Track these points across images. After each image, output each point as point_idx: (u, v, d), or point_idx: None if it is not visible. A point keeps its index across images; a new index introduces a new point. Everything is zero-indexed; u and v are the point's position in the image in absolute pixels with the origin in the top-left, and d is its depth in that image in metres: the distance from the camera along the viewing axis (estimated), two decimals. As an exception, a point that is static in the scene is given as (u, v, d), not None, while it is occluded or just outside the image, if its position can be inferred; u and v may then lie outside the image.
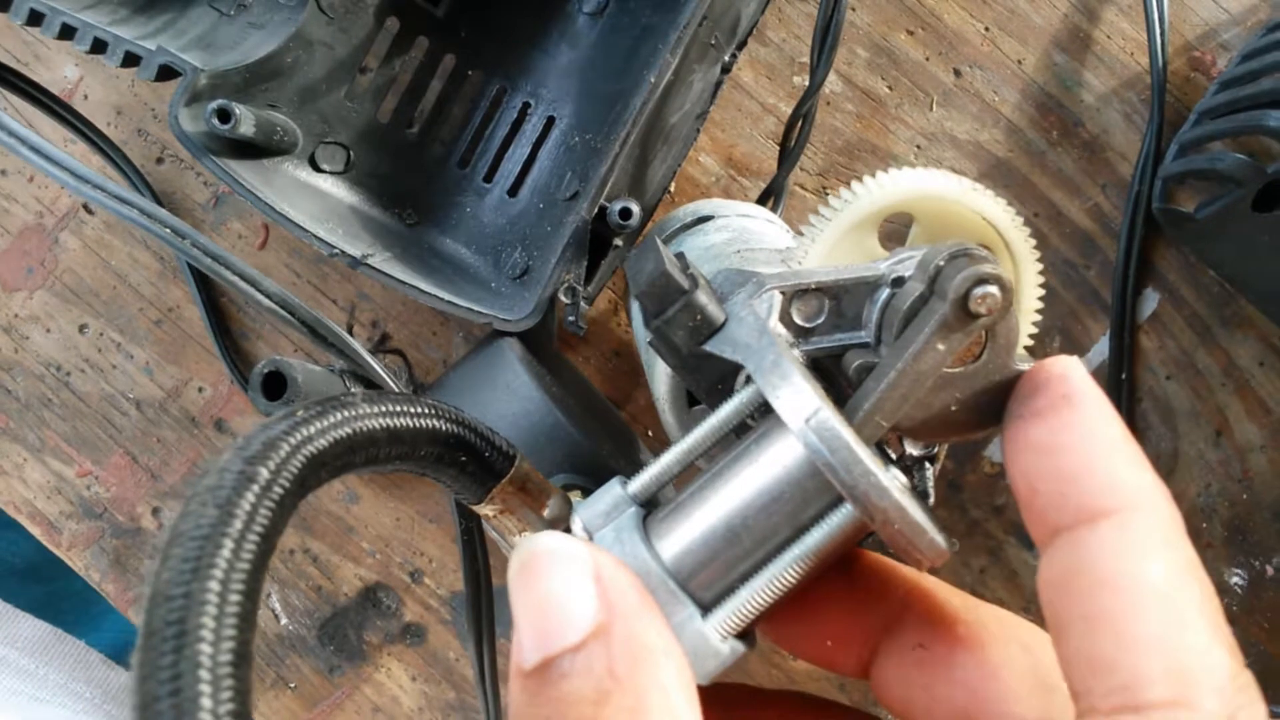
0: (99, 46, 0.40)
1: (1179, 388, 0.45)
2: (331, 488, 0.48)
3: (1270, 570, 0.45)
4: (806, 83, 0.46)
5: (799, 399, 0.20)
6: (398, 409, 0.23)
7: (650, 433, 0.47)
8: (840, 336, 0.23)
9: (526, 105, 0.46)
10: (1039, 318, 0.26)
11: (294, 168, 0.44)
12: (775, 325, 0.22)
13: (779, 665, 0.47)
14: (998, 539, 0.46)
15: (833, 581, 0.24)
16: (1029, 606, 0.46)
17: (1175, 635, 0.18)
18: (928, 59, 0.45)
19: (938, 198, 0.25)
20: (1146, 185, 0.44)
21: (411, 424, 0.23)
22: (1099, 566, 0.18)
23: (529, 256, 0.45)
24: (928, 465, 0.25)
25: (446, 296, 0.40)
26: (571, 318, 0.39)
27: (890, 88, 0.46)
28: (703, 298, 0.23)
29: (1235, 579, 0.45)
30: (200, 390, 0.48)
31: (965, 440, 0.23)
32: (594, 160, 0.43)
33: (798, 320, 0.23)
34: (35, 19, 0.40)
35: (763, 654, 0.47)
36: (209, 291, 0.48)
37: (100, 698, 0.52)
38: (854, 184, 0.26)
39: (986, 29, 0.45)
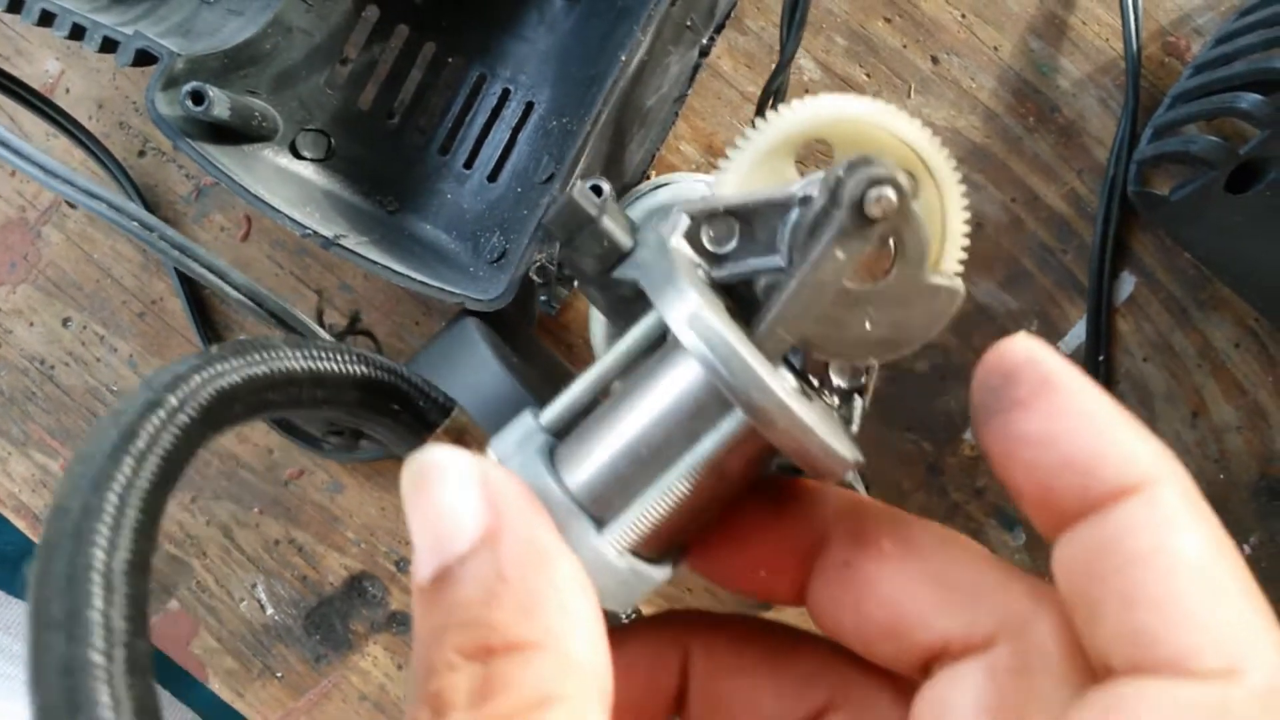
0: (77, 32, 0.40)
1: (1156, 370, 0.46)
2: (315, 477, 0.48)
3: (1247, 549, 0.46)
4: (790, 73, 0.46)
5: (683, 301, 0.20)
6: (321, 353, 0.23)
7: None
8: (754, 261, 0.22)
9: (506, 91, 0.47)
10: (967, 242, 0.25)
11: (274, 154, 0.44)
12: (676, 242, 0.22)
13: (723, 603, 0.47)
14: (978, 521, 0.47)
15: (760, 509, 0.24)
16: (1010, 588, 0.46)
17: (1219, 608, 0.17)
18: (905, 46, 0.46)
19: (851, 120, 0.24)
20: (1122, 169, 0.44)
21: (335, 368, 0.24)
22: (1131, 545, 0.18)
23: (507, 240, 0.45)
24: (856, 397, 0.24)
25: (418, 277, 0.41)
26: (544, 297, 0.40)
27: (868, 75, 0.46)
28: (609, 223, 0.23)
29: (1213, 559, 0.46)
30: (184, 382, 0.48)
31: (887, 359, 0.22)
32: (570, 142, 0.43)
33: (709, 246, 0.23)
34: (14, 6, 0.40)
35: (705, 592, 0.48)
36: (191, 284, 0.48)
37: None
38: (768, 112, 0.25)
39: (963, 16, 0.45)
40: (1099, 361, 0.46)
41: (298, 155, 0.45)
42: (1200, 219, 0.41)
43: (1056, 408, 0.19)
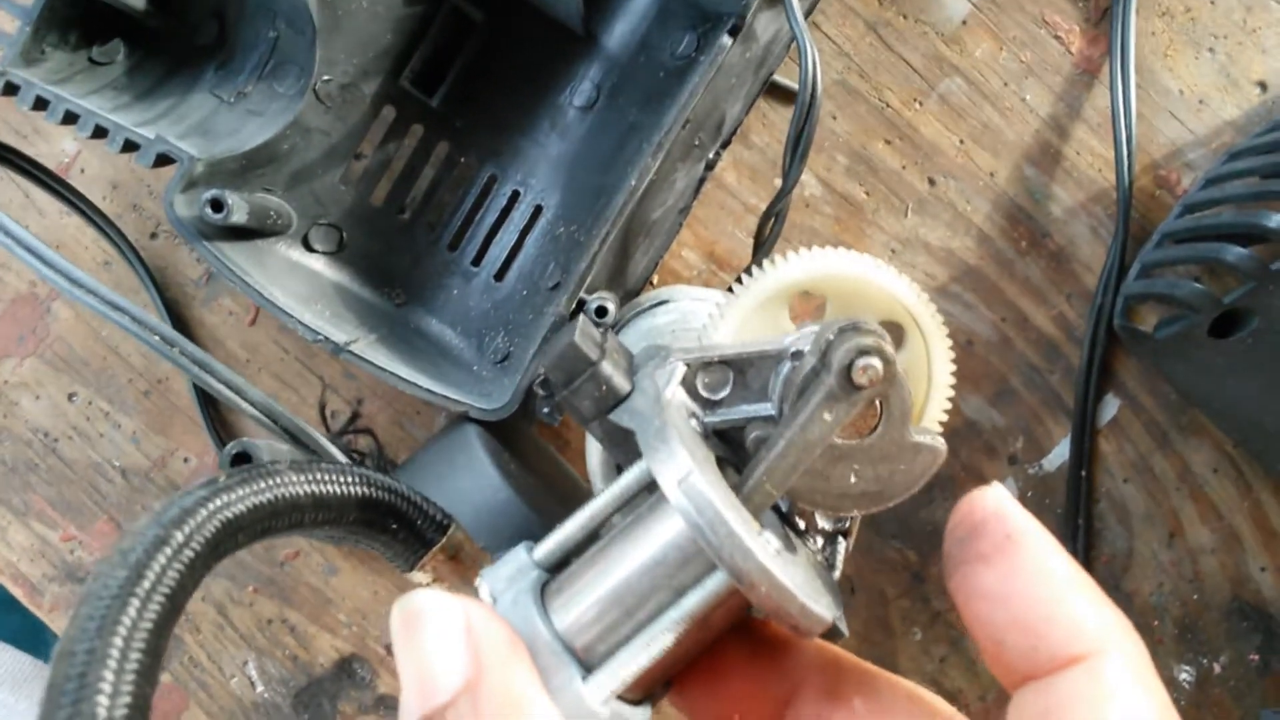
0: (100, 133, 0.41)
1: (1136, 490, 0.47)
2: (311, 559, 0.49)
3: (1218, 668, 0.47)
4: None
5: (674, 462, 0.21)
6: (323, 477, 0.24)
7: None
8: (745, 409, 0.24)
9: (516, 193, 0.48)
10: (952, 393, 0.26)
11: (287, 248, 0.45)
12: (671, 393, 0.23)
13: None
14: (958, 630, 0.48)
15: (737, 651, 0.24)
16: (985, 695, 0.48)
17: None
18: (904, 168, 0.47)
19: (843, 277, 0.26)
20: (1109, 299, 0.45)
21: (337, 490, 0.24)
22: (1073, 715, 0.18)
23: (511, 342, 0.46)
24: (840, 539, 0.26)
25: (426, 385, 0.42)
26: (546, 409, 0.41)
27: (867, 193, 0.47)
28: (608, 368, 0.24)
29: (1184, 675, 0.47)
30: (186, 461, 0.49)
31: (871, 512, 0.23)
32: (577, 252, 0.44)
33: (703, 392, 0.24)
34: (40, 104, 0.41)
35: None
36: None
37: None
38: (764, 262, 0.26)
39: (961, 141, 0.47)
40: (1081, 481, 0.47)
41: (310, 249, 0.46)
42: (1182, 358, 0.42)
43: (1014, 566, 0.20)
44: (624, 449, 0.25)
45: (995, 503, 0.21)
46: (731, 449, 0.24)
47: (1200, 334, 0.41)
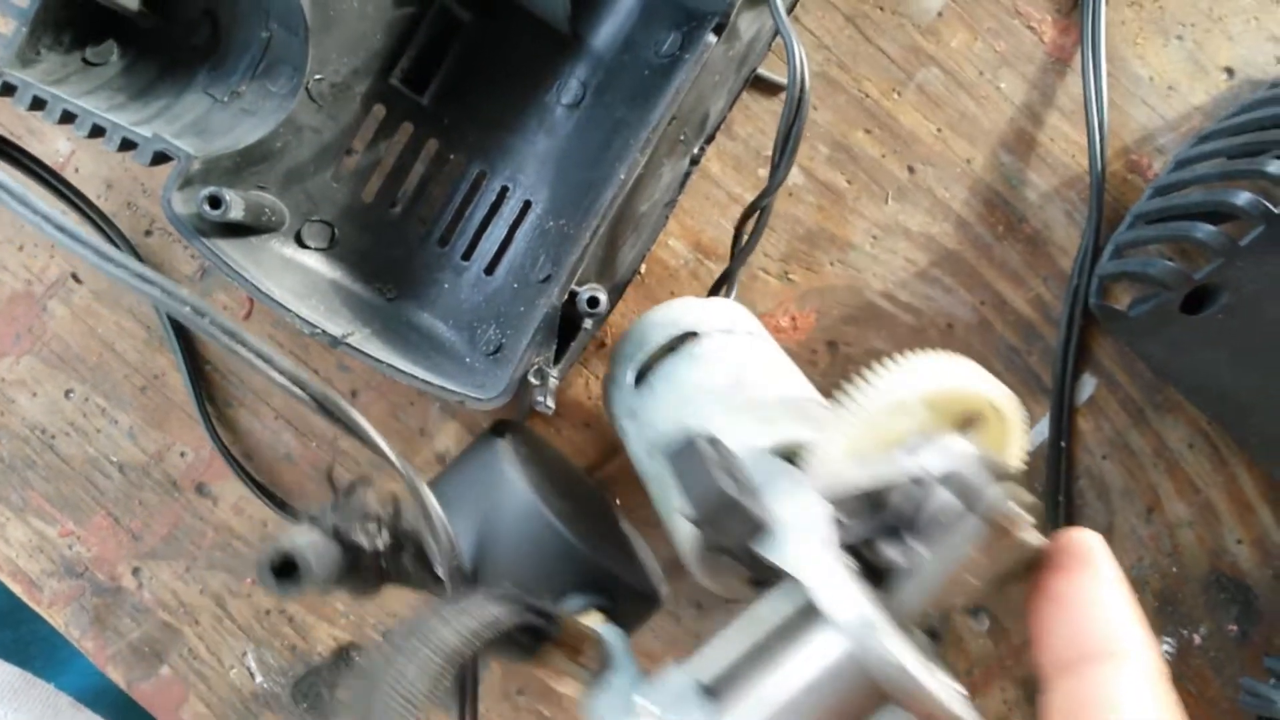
0: (97, 132, 0.42)
1: (1114, 467, 0.48)
2: (309, 550, 0.50)
3: (1197, 639, 0.48)
4: (768, 175, 0.48)
5: (856, 617, 0.23)
6: (477, 623, 0.26)
7: (619, 500, 0.49)
8: (870, 524, 0.26)
9: (505, 189, 0.49)
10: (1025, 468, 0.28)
11: (280, 245, 0.46)
12: (827, 539, 0.25)
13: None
14: (944, 608, 0.49)
15: None
16: (971, 670, 0.49)
17: None
18: (884, 156, 0.48)
19: (952, 390, 0.28)
20: (1084, 280, 0.47)
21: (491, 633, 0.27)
22: (1099, 699, 0.23)
23: (503, 334, 0.47)
24: (937, 637, 0.27)
25: (422, 375, 0.42)
26: (540, 398, 0.41)
27: (849, 181, 0.48)
28: (753, 506, 0.26)
29: (1165, 647, 0.48)
30: (182, 455, 0.50)
31: (976, 604, 0.26)
32: (567, 245, 0.45)
33: (839, 517, 0.26)
34: (38, 104, 0.42)
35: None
36: (194, 360, 0.49)
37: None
38: (874, 377, 0.27)
39: (938, 130, 0.48)
40: (1060, 458, 0.48)
41: (302, 245, 0.47)
42: (1156, 335, 0.44)
43: (1081, 579, 0.25)
44: (760, 568, 0.27)
45: (1087, 539, 0.26)
46: (854, 556, 0.26)
47: (1173, 311, 0.42)
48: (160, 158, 0.41)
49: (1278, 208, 0.39)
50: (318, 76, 0.45)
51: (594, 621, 0.38)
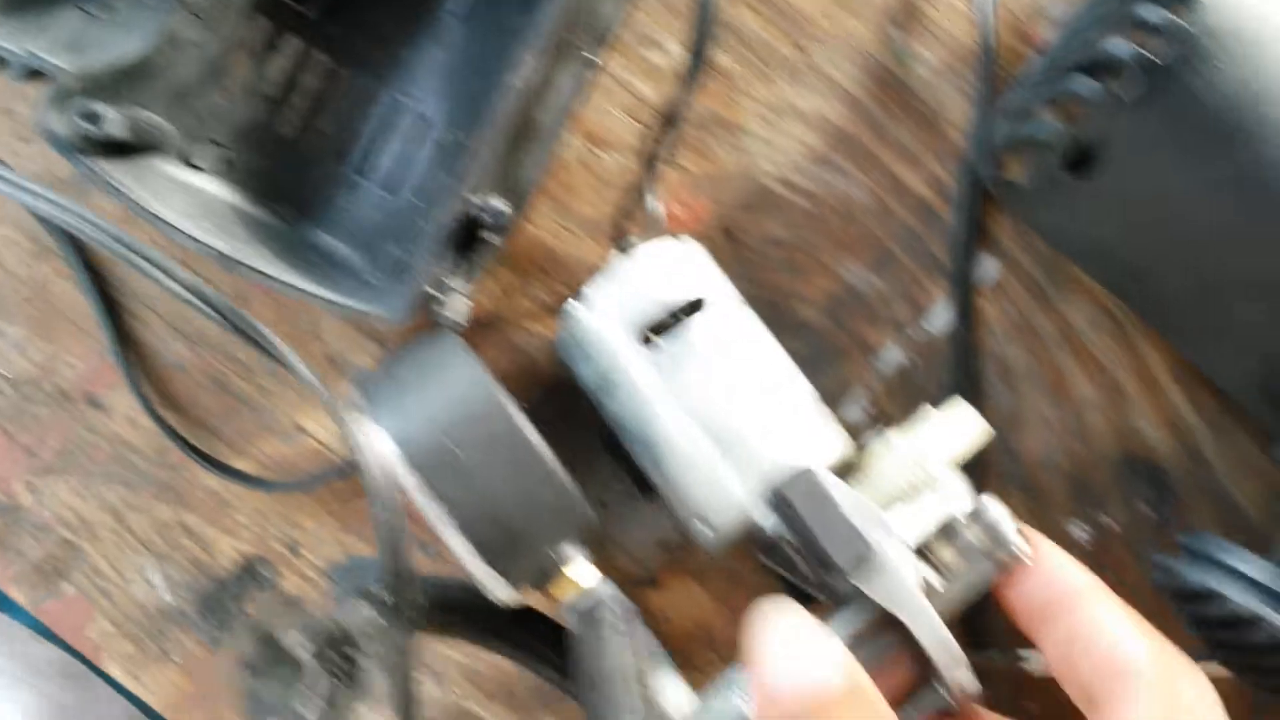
0: (-38, 50, 0.41)
1: (1019, 349, 0.47)
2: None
3: (1109, 521, 0.48)
4: (657, 59, 0.47)
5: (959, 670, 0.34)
6: None
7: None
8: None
9: (400, 103, 0.48)
10: None
11: (167, 166, 0.45)
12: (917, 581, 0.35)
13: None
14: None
15: None
16: None
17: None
18: (771, 35, 0.47)
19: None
20: (978, 155, 0.46)
21: None
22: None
23: (403, 250, 0.46)
24: None
25: (321, 293, 0.42)
26: (442, 310, 0.41)
27: (737, 63, 0.47)
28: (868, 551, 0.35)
29: (1080, 533, 0.48)
30: (71, 366, 0.49)
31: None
32: (464, 158, 0.44)
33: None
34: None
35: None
36: (93, 270, 0.49)
37: (24, 671, 0.52)
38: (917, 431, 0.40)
39: (827, 7, 0.47)
40: (964, 343, 0.47)
41: (192, 166, 0.46)
42: (1046, 203, 0.42)
43: (1076, 620, 0.35)
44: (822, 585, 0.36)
45: (1052, 565, 0.37)
46: None
47: (1059, 174, 0.41)
48: (33, 74, 0.40)
49: (1156, 56, 0.38)
50: None
51: (604, 589, 0.38)
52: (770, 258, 0.48)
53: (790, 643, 0.31)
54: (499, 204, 0.40)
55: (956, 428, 0.39)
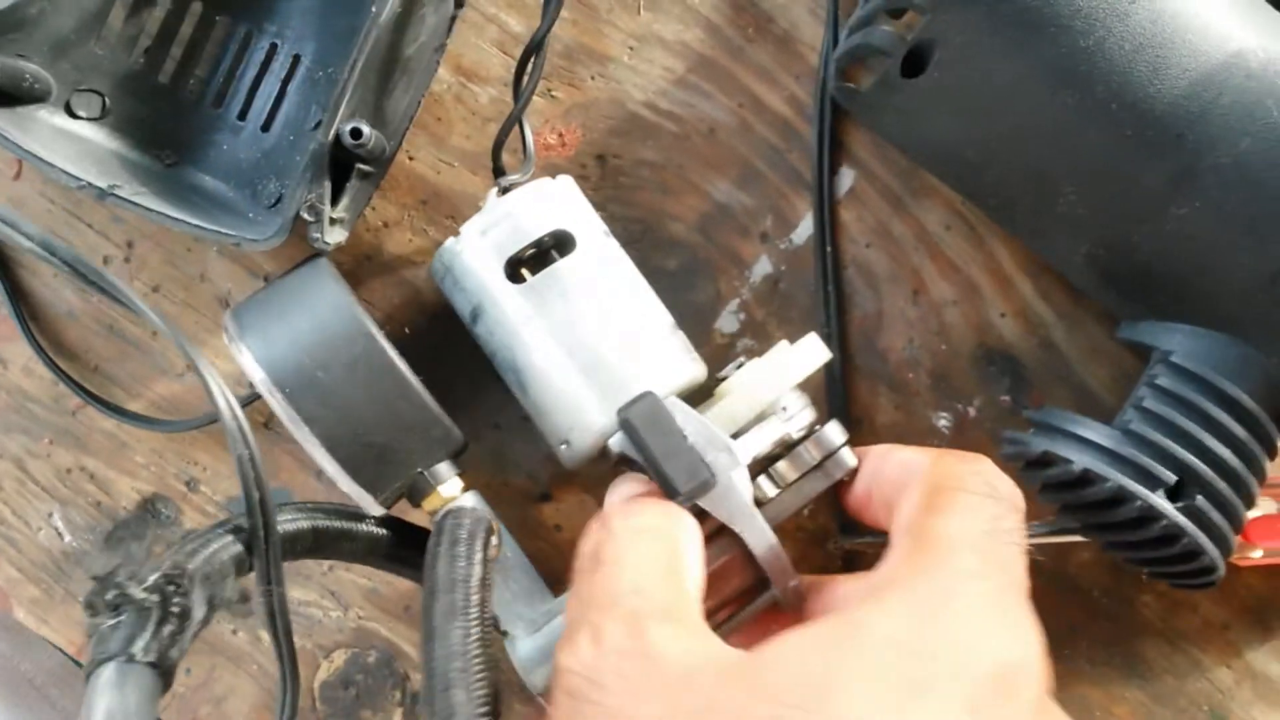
0: None
1: (878, 254, 0.50)
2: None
3: (972, 412, 0.51)
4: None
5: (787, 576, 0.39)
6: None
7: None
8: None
9: (273, 45, 0.50)
10: None
11: (49, 115, 0.46)
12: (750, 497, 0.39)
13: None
14: (728, 403, 0.50)
15: None
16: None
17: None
18: (632, -33, 0.50)
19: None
20: (829, 72, 0.48)
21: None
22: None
23: (282, 185, 0.48)
24: None
25: (193, 221, 0.43)
26: (316, 235, 0.42)
27: (598, -8, 0.50)
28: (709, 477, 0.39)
29: (942, 422, 0.51)
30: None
31: None
32: (332, 89, 0.45)
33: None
34: None
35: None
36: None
37: None
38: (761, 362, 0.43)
39: (681, -65, 0.49)
40: (826, 251, 0.50)
41: (73, 115, 0.47)
42: (889, 108, 0.45)
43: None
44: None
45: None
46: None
47: (896, 78, 0.44)
48: None
49: (975, -40, 0.41)
50: None
51: (467, 499, 0.41)
52: (642, 179, 0.50)
53: (618, 489, 0.40)
54: (366, 127, 0.41)
55: (804, 357, 0.42)
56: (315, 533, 0.41)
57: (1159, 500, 0.42)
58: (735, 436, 0.40)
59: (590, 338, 0.42)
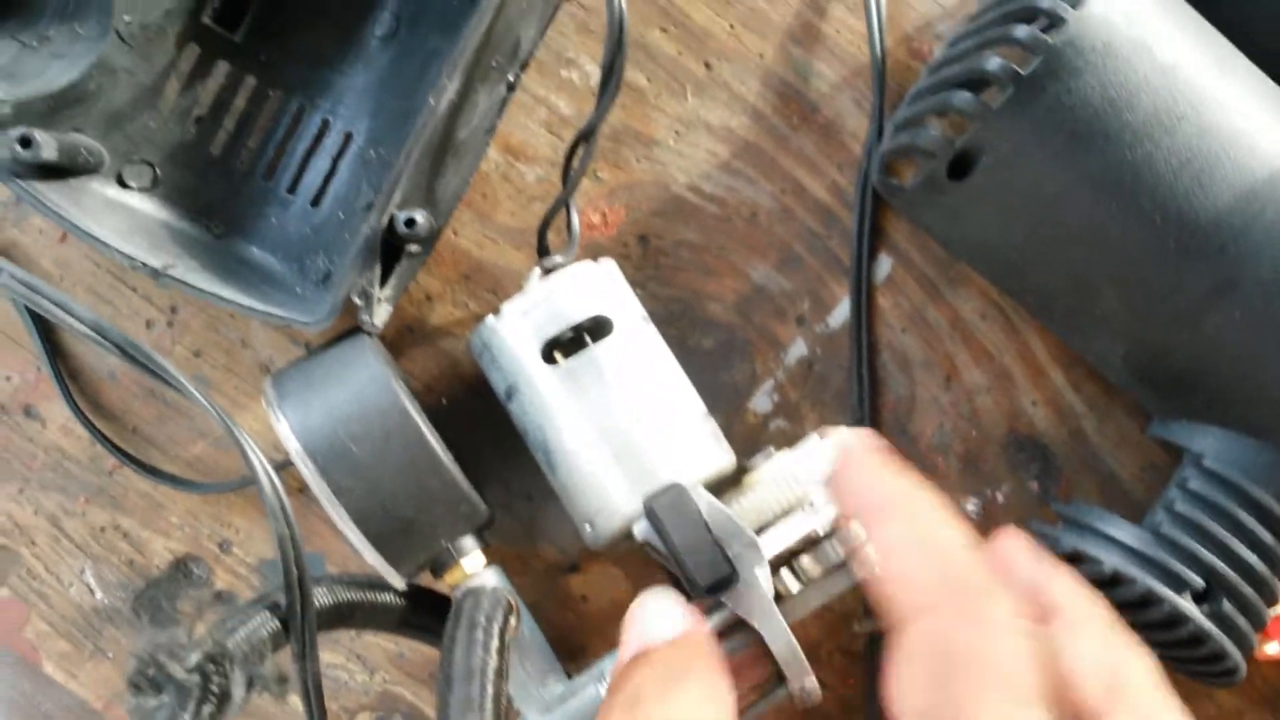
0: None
1: (913, 340, 0.51)
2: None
3: (1000, 497, 0.51)
4: (574, 77, 0.50)
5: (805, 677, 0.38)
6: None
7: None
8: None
9: (326, 122, 0.50)
10: None
11: (101, 186, 0.47)
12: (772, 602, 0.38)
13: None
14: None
15: None
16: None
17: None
18: (680, 54, 0.50)
19: None
20: (873, 163, 0.49)
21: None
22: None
23: (330, 262, 0.48)
24: None
25: (244, 301, 0.44)
26: (365, 317, 0.43)
27: (648, 79, 0.50)
28: (728, 570, 0.39)
29: (970, 507, 0.51)
30: (8, 379, 0.50)
31: None
32: (387, 173, 0.46)
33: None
34: None
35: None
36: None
37: None
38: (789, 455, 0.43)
39: (731, 26, 0.50)
40: (862, 335, 0.50)
41: (124, 186, 0.47)
42: (932, 205, 0.46)
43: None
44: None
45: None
46: None
47: (941, 178, 0.45)
48: None
49: (1024, 70, 0.41)
50: (126, 18, 0.45)
51: (488, 575, 0.41)
52: (683, 260, 0.51)
53: (647, 608, 0.35)
54: (418, 215, 0.42)
55: (832, 450, 0.41)
56: (348, 606, 0.42)
57: (1187, 605, 0.43)
58: (761, 530, 0.40)
59: (621, 423, 0.42)
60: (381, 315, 0.44)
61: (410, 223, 0.42)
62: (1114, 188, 0.42)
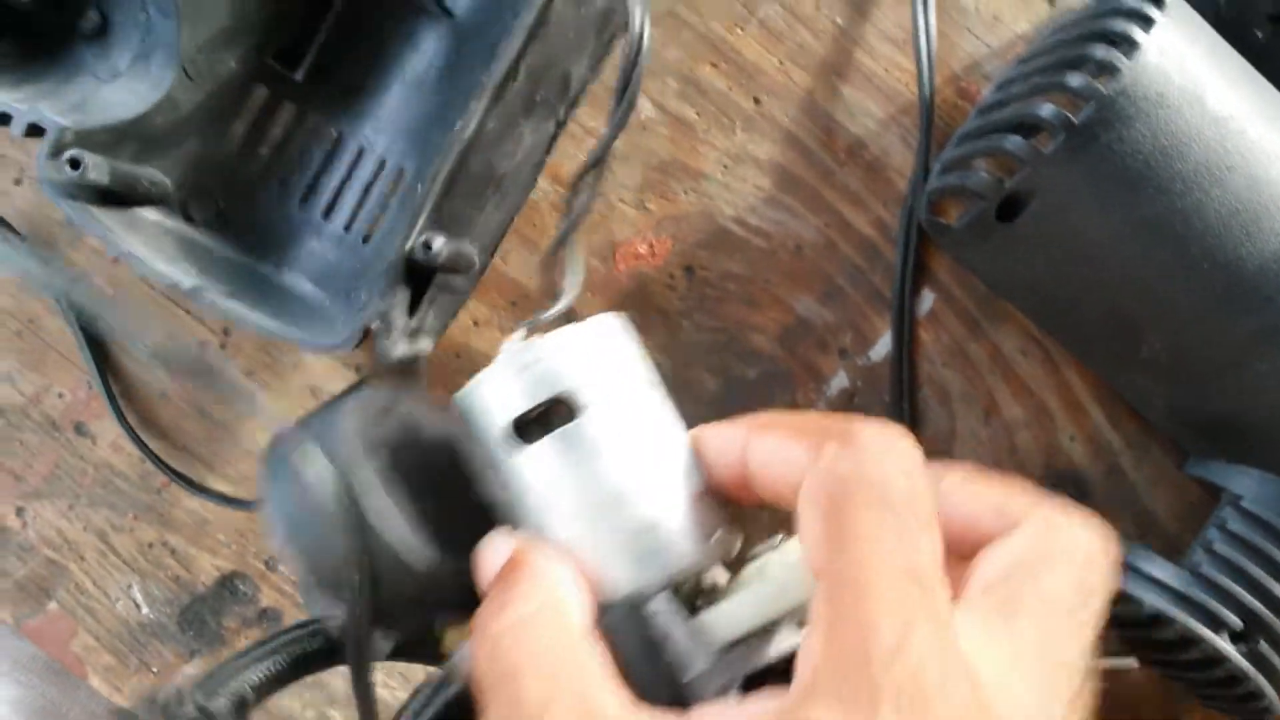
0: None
1: (954, 375, 0.52)
2: (190, 484, 0.51)
3: (1035, 534, 0.52)
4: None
5: None
6: None
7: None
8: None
9: (383, 161, 0.51)
10: None
11: (163, 216, 0.48)
12: None
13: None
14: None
15: None
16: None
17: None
18: (730, 89, 0.51)
19: None
20: (918, 200, 0.50)
21: None
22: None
23: (369, 292, 0.49)
24: None
25: (267, 324, 0.44)
26: (384, 345, 0.43)
27: (698, 114, 0.51)
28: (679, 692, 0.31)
29: (1007, 543, 0.52)
30: (60, 395, 0.51)
31: None
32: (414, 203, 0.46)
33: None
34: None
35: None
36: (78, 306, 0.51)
37: (9, 666, 0.54)
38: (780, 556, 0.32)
39: (781, 62, 0.51)
40: (903, 369, 0.51)
41: (188, 218, 0.48)
42: (978, 245, 0.47)
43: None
44: None
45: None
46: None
47: (990, 219, 0.45)
48: (34, 130, 0.42)
49: (1077, 118, 0.42)
50: (193, 57, 0.46)
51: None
52: (728, 291, 0.51)
53: (479, 554, 0.31)
54: (438, 241, 0.41)
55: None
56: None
57: (1225, 645, 0.43)
58: (738, 643, 0.31)
59: (586, 511, 0.33)
60: (423, 344, 0.44)
61: (426, 245, 0.42)
62: (1163, 235, 0.42)
